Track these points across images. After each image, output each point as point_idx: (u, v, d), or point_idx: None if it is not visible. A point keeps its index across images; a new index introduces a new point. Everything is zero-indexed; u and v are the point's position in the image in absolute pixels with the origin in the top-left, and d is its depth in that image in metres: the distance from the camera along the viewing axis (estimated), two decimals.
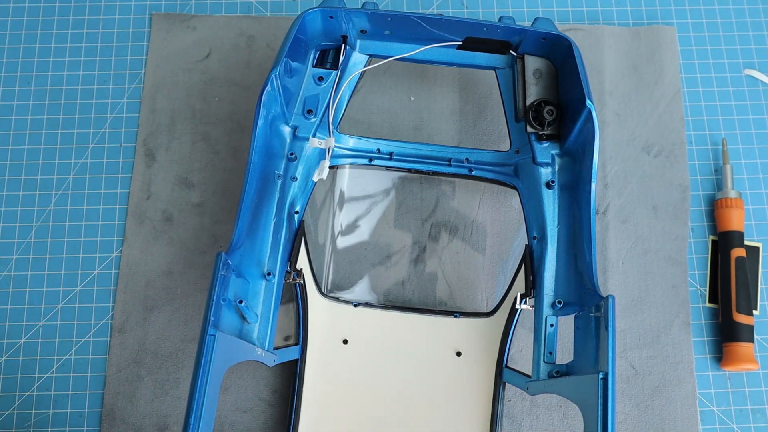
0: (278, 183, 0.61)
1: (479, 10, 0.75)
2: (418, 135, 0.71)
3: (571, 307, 0.56)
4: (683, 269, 0.67)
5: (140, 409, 0.63)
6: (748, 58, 0.74)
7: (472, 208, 0.69)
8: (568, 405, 0.63)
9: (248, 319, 0.57)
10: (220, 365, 0.49)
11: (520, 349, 0.65)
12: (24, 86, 0.73)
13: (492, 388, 0.61)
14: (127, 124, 0.72)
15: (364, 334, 0.63)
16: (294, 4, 0.76)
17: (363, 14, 0.59)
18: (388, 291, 0.67)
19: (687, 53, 0.74)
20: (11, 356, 0.66)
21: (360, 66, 0.63)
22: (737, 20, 0.75)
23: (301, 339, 0.62)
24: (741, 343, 0.64)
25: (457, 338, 0.63)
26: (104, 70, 0.74)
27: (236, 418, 0.63)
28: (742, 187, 0.70)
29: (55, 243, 0.68)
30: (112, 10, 0.76)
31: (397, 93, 0.72)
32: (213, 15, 0.75)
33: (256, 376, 0.64)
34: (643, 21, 0.75)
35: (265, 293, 0.59)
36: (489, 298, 0.66)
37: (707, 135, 0.72)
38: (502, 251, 0.67)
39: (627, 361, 0.65)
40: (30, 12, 0.76)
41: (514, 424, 0.63)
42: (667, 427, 0.63)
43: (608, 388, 0.46)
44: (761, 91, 0.73)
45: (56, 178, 0.70)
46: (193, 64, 0.73)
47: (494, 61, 0.63)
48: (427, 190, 0.69)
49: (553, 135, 0.60)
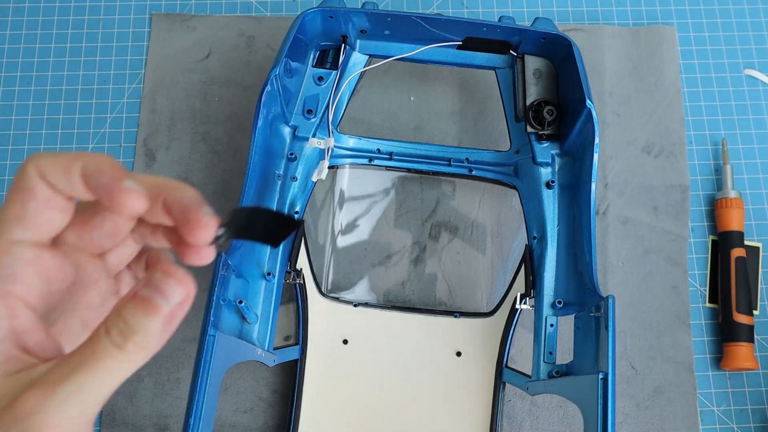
0: (278, 183, 0.61)
1: (479, 10, 0.75)
2: (418, 135, 0.71)
3: (571, 307, 0.56)
4: (683, 269, 0.67)
5: (140, 409, 0.63)
6: (748, 58, 0.74)
7: (472, 208, 0.69)
8: (568, 405, 0.63)
9: (248, 319, 0.57)
10: (220, 365, 0.49)
11: (520, 349, 0.65)
12: (24, 86, 0.73)
13: (492, 388, 0.61)
14: (127, 124, 0.72)
15: (364, 334, 0.63)
16: (294, 4, 0.76)
17: (363, 14, 0.59)
18: (388, 291, 0.67)
19: (687, 53, 0.74)
20: None
21: (360, 66, 0.63)
22: (737, 20, 0.75)
23: (301, 339, 0.62)
24: (741, 343, 0.64)
25: (457, 338, 0.63)
26: (104, 70, 0.74)
27: (236, 418, 0.63)
28: (742, 187, 0.70)
29: None
30: (112, 10, 0.76)
31: (397, 93, 0.72)
32: (213, 15, 0.75)
33: (256, 376, 0.64)
34: (643, 21, 0.75)
35: (265, 293, 0.59)
36: (489, 298, 0.66)
37: (707, 135, 0.72)
38: (502, 251, 0.67)
39: (627, 361, 0.65)
40: (30, 12, 0.76)
41: (514, 424, 0.63)
42: (667, 427, 0.63)
43: (608, 388, 0.46)
44: (761, 91, 0.73)
45: None
46: (193, 64, 0.73)
47: (494, 61, 0.63)
48: (427, 190, 0.69)
49: (553, 135, 0.60)
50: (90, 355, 0.27)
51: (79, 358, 0.27)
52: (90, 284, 0.33)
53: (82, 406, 0.26)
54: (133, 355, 0.27)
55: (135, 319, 0.27)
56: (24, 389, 0.27)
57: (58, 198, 0.29)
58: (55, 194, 0.29)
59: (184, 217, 0.30)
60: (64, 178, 0.29)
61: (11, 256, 0.29)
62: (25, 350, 0.29)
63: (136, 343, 0.27)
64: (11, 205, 0.29)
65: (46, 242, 0.30)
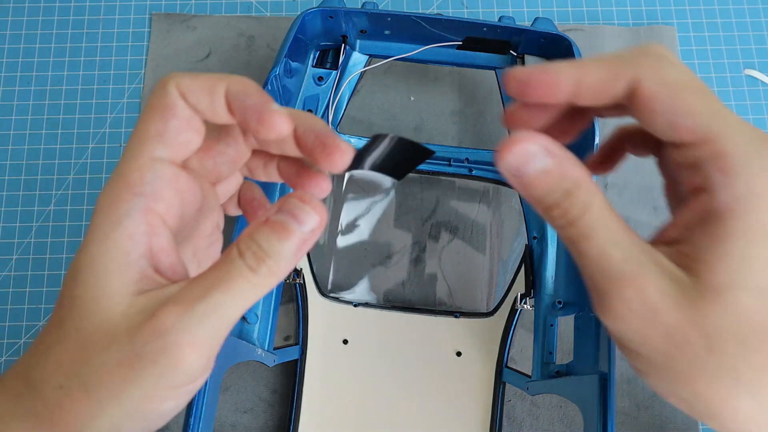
0: (278, 183, 0.61)
1: (479, 10, 0.75)
2: (418, 135, 0.71)
3: (571, 307, 0.56)
4: None
5: None
6: (748, 58, 0.74)
7: (472, 208, 0.69)
8: (568, 405, 0.63)
9: (248, 319, 0.57)
10: (220, 365, 0.49)
11: (520, 349, 0.65)
12: (24, 86, 0.73)
13: (492, 388, 0.61)
14: (127, 124, 0.72)
15: (364, 334, 0.63)
16: (294, 4, 0.76)
17: (363, 14, 0.59)
18: (388, 291, 0.67)
19: (687, 53, 0.74)
20: (11, 356, 0.65)
21: (360, 66, 0.63)
22: (737, 20, 0.75)
23: (301, 339, 0.62)
24: None
25: (457, 338, 0.63)
26: (104, 70, 0.74)
27: (236, 418, 0.63)
28: None
29: (55, 243, 0.68)
30: (112, 10, 0.76)
31: (397, 93, 0.72)
32: (213, 15, 0.75)
33: (256, 376, 0.64)
34: (643, 21, 0.75)
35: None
36: (489, 298, 0.66)
37: None
38: (502, 251, 0.67)
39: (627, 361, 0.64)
40: (30, 12, 0.76)
41: (514, 424, 0.63)
42: (667, 427, 0.63)
43: (608, 388, 0.45)
44: (761, 91, 0.73)
45: (56, 178, 0.70)
46: (193, 64, 0.73)
47: (494, 60, 0.63)
48: (427, 190, 0.69)
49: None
50: (225, 275, 0.27)
51: (213, 279, 0.27)
52: (209, 212, 0.33)
53: (217, 325, 0.27)
54: (264, 279, 0.27)
55: (269, 243, 0.27)
56: (159, 306, 0.27)
57: (196, 119, 0.29)
58: (194, 114, 0.29)
59: (320, 143, 0.29)
60: (207, 99, 0.28)
61: (153, 173, 0.28)
62: (157, 270, 0.29)
63: (269, 266, 0.27)
64: (151, 122, 0.28)
65: (181, 163, 0.30)
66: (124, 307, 0.27)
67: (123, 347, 0.26)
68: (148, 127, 0.28)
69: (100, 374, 0.27)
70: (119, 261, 0.27)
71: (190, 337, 0.26)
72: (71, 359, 0.27)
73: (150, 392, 0.27)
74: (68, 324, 0.28)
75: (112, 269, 0.27)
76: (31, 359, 0.29)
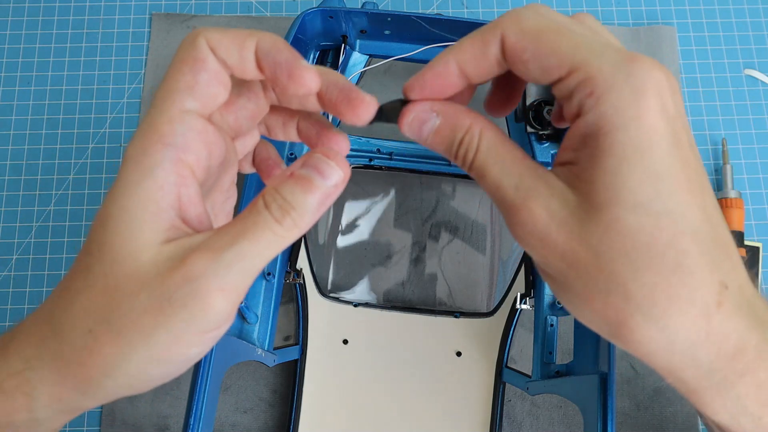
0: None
1: (479, 10, 0.75)
2: None
3: None
4: None
5: (140, 409, 0.63)
6: (748, 58, 0.74)
7: (472, 208, 0.69)
8: (568, 405, 0.63)
9: (248, 319, 0.57)
10: (220, 365, 0.49)
11: (520, 349, 0.65)
12: (24, 86, 0.73)
13: (492, 388, 0.61)
14: (127, 124, 0.72)
15: (364, 334, 0.63)
16: (294, 4, 0.76)
17: (363, 14, 0.59)
18: (388, 291, 0.67)
19: (687, 53, 0.74)
20: None
21: (360, 66, 0.63)
22: (737, 20, 0.75)
23: (301, 339, 0.62)
24: None
25: (457, 338, 0.63)
26: (104, 70, 0.74)
27: (236, 418, 0.63)
28: (742, 187, 0.70)
29: (55, 243, 0.68)
30: (112, 10, 0.76)
31: (397, 93, 0.72)
32: (213, 15, 0.75)
33: (256, 376, 0.64)
34: (643, 21, 0.75)
35: (265, 293, 0.59)
36: (489, 298, 0.66)
37: (707, 135, 0.72)
38: (502, 251, 0.67)
39: (627, 361, 0.65)
40: (30, 12, 0.76)
41: (514, 424, 0.63)
42: (667, 427, 0.63)
43: (608, 388, 0.45)
44: (761, 91, 0.73)
45: (56, 178, 0.70)
46: None
47: None
48: (427, 190, 0.69)
49: (553, 135, 0.60)
50: (252, 225, 0.27)
51: (241, 229, 0.28)
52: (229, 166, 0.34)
53: (244, 273, 0.27)
54: (288, 230, 0.28)
55: (293, 196, 0.28)
56: (188, 254, 0.27)
57: (224, 73, 0.29)
58: (222, 69, 0.29)
59: (345, 97, 0.31)
60: (237, 53, 0.29)
61: (183, 125, 0.29)
62: (184, 220, 0.29)
63: (293, 218, 0.28)
64: (181, 75, 0.29)
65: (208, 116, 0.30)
66: (153, 254, 0.28)
67: (153, 292, 0.27)
68: (178, 80, 0.29)
69: (130, 318, 0.27)
70: (150, 210, 0.28)
71: (219, 282, 0.27)
72: (100, 304, 0.28)
73: (178, 337, 0.27)
74: (97, 269, 0.28)
75: (143, 218, 0.28)
76: (56, 304, 0.29)
